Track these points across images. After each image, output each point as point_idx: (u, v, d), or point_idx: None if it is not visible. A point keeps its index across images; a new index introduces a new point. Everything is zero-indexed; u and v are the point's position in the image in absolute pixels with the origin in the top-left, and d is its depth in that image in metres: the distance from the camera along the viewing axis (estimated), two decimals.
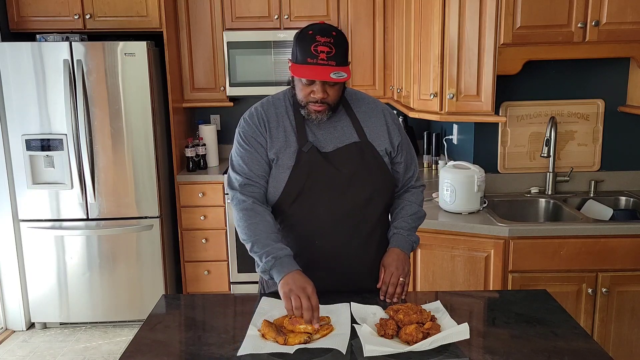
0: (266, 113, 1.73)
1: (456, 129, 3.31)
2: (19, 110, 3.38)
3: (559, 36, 2.55)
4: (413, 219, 1.80)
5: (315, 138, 1.70)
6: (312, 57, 1.55)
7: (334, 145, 1.70)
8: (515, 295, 1.82)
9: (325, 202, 1.67)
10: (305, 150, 1.67)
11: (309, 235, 1.70)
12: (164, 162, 3.69)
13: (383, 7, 3.79)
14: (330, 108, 1.66)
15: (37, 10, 3.50)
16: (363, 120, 1.74)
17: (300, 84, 1.64)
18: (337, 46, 1.57)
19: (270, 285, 1.78)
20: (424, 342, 1.37)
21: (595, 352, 1.39)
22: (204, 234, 3.78)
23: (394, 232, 1.78)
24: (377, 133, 1.74)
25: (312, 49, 1.55)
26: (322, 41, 1.56)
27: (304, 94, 1.64)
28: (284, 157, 1.69)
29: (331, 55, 1.55)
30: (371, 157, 1.71)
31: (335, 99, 1.65)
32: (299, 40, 1.59)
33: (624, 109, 2.88)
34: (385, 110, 1.80)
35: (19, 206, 3.49)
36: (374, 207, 1.73)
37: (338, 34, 1.59)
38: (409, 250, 1.77)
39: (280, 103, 1.75)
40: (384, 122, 1.76)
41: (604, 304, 2.45)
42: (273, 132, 1.71)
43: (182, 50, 3.81)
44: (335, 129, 1.71)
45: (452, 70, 2.67)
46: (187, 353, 1.43)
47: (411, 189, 1.85)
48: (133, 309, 3.62)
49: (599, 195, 2.90)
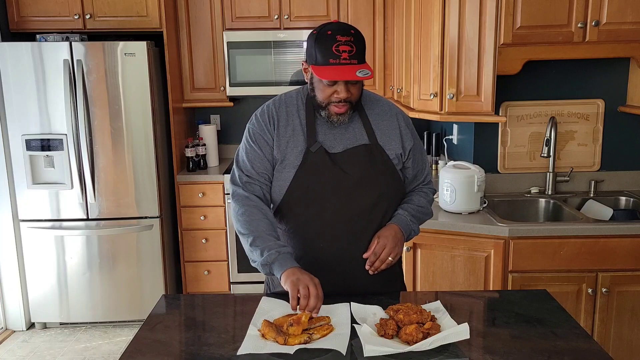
0: (277, 111, 1.71)
1: (456, 129, 3.31)
2: (19, 110, 3.38)
3: (559, 36, 2.55)
4: (419, 210, 1.77)
5: (325, 138, 1.68)
6: (334, 58, 1.53)
7: (343, 146, 1.68)
8: (515, 295, 1.82)
9: (331, 204, 1.66)
10: (313, 151, 1.65)
11: (314, 237, 1.69)
12: (164, 162, 3.69)
13: (383, 7, 3.79)
14: (352, 107, 1.64)
15: (37, 10, 3.50)
16: (375, 123, 1.72)
17: (322, 85, 1.60)
18: (358, 44, 1.55)
19: (276, 285, 1.75)
20: (424, 342, 1.37)
21: (595, 352, 1.39)
22: (204, 234, 3.78)
23: (398, 212, 1.73)
24: (389, 136, 1.72)
25: (334, 49, 1.53)
26: (344, 40, 1.53)
27: (325, 95, 1.61)
28: (290, 156, 1.67)
29: (353, 54, 1.53)
30: (380, 160, 1.69)
31: (357, 97, 1.64)
32: (319, 41, 1.56)
33: (624, 109, 2.88)
34: (399, 114, 1.77)
35: (19, 206, 3.49)
36: (380, 212, 1.70)
37: (356, 32, 1.58)
38: (406, 234, 1.72)
39: (293, 102, 1.73)
40: (396, 125, 1.74)
41: (604, 304, 2.45)
42: (281, 131, 1.69)
43: (182, 50, 3.81)
44: (346, 131, 1.69)
45: (452, 70, 2.67)
46: (187, 353, 1.43)
47: (423, 188, 1.83)
48: (133, 309, 3.62)
49: (599, 195, 2.90)
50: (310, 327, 1.46)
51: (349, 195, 1.65)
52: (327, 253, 1.69)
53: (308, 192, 1.66)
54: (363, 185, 1.66)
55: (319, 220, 1.67)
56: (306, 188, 1.66)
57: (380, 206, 1.69)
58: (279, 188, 1.70)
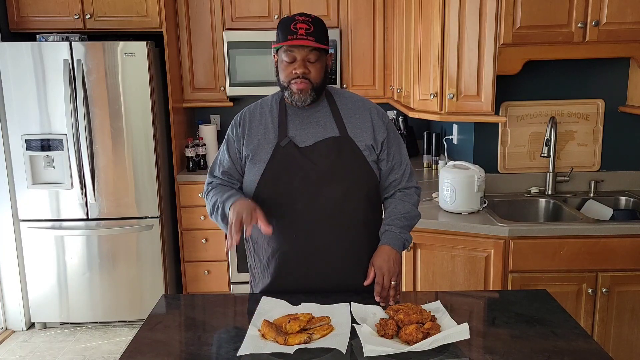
0: (251, 113, 1.81)
1: (456, 129, 3.31)
2: (19, 110, 3.38)
3: (559, 36, 2.55)
4: (405, 217, 1.77)
5: (295, 133, 1.73)
6: (292, 34, 1.63)
7: (313, 140, 1.72)
8: (515, 295, 1.82)
9: (301, 195, 1.69)
10: (283, 145, 1.71)
11: (287, 229, 1.71)
12: (164, 162, 3.70)
13: (383, 7, 3.79)
14: (314, 88, 1.68)
15: (37, 10, 3.50)
16: (346, 116, 1.76)
17: (282, 65, 1.68)
18: (316, 25, 1.66)
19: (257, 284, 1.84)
20: (424, 342, 1.37)
21: (595, 352, 1.39)
22: (204, 234, 3.78)
23: (385, 230, 1.76)
24: (359, 128, 1.75)
25: (292, 27, 1.63)
26: (301, 19, 1.65)
27: (286, 73, 1.68)
28: (261, 153, 1.73)
29: (310, 32, 1.63)
30: (350, 152, 1.72)
31: (317, 78, 1.68)
32: (280, 24, 1.68)
33: (624, 109, 2.88)
34: (373, 108, 1.81)
35: (19, 206, 3.49)
36: (352, 202, 1.71)
37: (317, 18, 1.69)
38: (400, 248, 1.73)
39: (267, 102, 1.82)
40: (369, 117, 1.77)
41: (604, 304, 2.45)
42: (253, 130, 1.76)
43: (182, 50, 3.81)
44: (317, 124, 1.74)
45: (452, 70, 2.67)
46: (187, 353, 1.43)
47: (403, 190, 1.83)
48: (133, 309, 3.62)
49: (599, 195, 2.90)
50: (310, 327, 1.46)
51: (318, 186, 1.69)
52: (305, 246, 1.71)
53: (278, 186, 1.70)
54: (332, 176, 1.69)
55: (291, 212, 1.70)
56: (276, 181, 1.70)
57: (350, 196, 1.71)
58: (250, 183, 1.75)
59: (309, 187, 1.68)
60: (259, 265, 1.82)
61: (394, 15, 3.69)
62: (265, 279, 1.78)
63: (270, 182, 1.70)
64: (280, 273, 1.74)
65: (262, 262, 1.80)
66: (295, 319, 1.46)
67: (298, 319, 1.46)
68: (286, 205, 1.70)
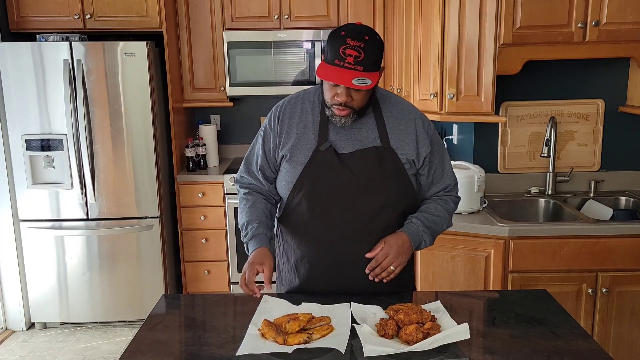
0: (291, 108, 1.72)
1: (456, 129, 3.31)
2: (19, 110, 3.38)
3: (559, 36, 2.55)
4: (434, 220, 1.71)
5: (336, 138, 1.66)
6: (339, 60, 1.51)
7: (353, 147, 1.66)
8: (515, 295, 1.82)
9: (337, 204, 1.65)
10: (322, 150, 1.64)
11: (318, 236, 1.68)
12: (164, 162, 3.69)
13: (383, 7, 3.79)
14: (355, 113, 1.61)
15: (37, 10, 3.50)
16: (391, 126, 1.68)
17: (327, 84, 1.59)
18: (367, 51, 1.51)
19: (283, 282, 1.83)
20: (424, 342, 1.37)
21: (595, 352, 1.39)
22: (204, 234, 3.78)
23: (410, 221, 1.70)
24: (403, 140, 1.67)
25: (341, 51, 1.51)
26: (352, 45, 1.50)
27: (329, 95, 1.60)
28: (298, 154, 1.67)
29: (359, 60, 1.50)
30: (391, 164, 1.65)
31: (360, 105, 1.60)
32: (331, 39, 1.55)
33: (624, 109, 2.88)
34: (419, 119, 1.72)
35: (19, 206, 3.49)
36: (386, 216, 1.67)
37: (371, 39, 1.53)
38: (415, 244, 1.69)
39: (309, 98, 1.73)
40: (414, 129, 1.69)
41: (604, 304, 2.45)
42: (292, 127, 1.69)
43: (182, 50, 3.81)
44: (359, 131, 1.67)
45: (452, 70, 2.67)
46: (187, 353, 1.43)
47: (443, 196, 1.77)
48: (133, 309, 3.62)
49: (599, 195, 2.90)
50: (310, 327, 1.46)
51: (355, 197, 1.64)
52: (330, 253, 1.68)
53: (314, 191, 1.65)
54: (370, 188, 1.64)
55: (324, 219, 1.66)
56: (312, 186, 1.65)
57: (387, 210, 1.67)
58: (285, 184, 1.70)
59: (344, 197, 1.64)
60: (287, 265, 1.80)
61: (394, 15, 3.69)
62: (293, 281, 1.77)
63: (306, 187, 1.65)
64: (308, 279, 1.73)
65: (290, 263, 1.77)
66: (295, 318, 1.46)
67: (298, 318, 1.46)
68: (319, 212, 1.66)
